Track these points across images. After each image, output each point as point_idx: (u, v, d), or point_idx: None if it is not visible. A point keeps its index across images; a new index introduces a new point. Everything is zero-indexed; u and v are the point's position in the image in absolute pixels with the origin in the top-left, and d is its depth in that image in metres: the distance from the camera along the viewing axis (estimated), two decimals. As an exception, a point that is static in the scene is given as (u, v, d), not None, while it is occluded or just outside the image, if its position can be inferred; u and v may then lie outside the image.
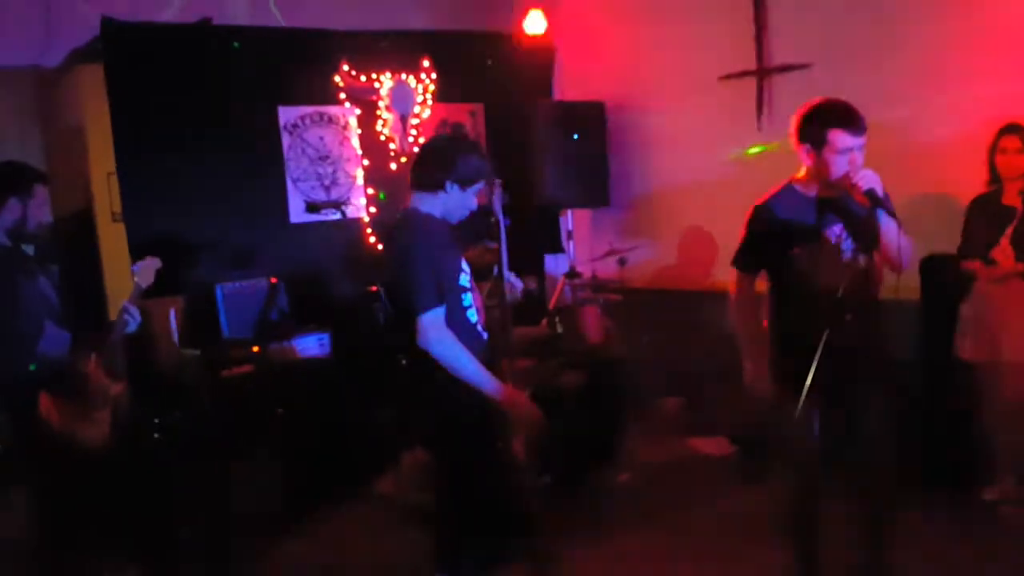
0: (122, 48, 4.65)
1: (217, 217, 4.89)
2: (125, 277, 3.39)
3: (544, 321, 4.87)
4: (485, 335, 2.76)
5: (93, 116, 5.30)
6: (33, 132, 5.68)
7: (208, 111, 4.87)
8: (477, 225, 3.00)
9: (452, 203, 2.72)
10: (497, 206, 2.92)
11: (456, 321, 2.62)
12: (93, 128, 5.42)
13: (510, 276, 3.18)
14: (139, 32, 4.65)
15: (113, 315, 3.41)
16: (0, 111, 5.38)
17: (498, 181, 2.93)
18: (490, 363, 2.66)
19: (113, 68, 4.66)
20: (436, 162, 2.73)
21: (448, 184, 2.68)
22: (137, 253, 4.32)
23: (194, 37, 4.90)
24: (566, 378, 4.41)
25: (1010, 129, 3.59)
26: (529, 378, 2.99)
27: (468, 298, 2.72)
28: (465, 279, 2.72)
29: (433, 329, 2.53)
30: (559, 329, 4.72)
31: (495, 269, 3.27)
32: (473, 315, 2.72)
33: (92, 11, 4.62)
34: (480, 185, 2.75)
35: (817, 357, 2.49)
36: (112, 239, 5.32)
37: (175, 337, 4.71)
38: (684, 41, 5.29)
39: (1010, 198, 3.61)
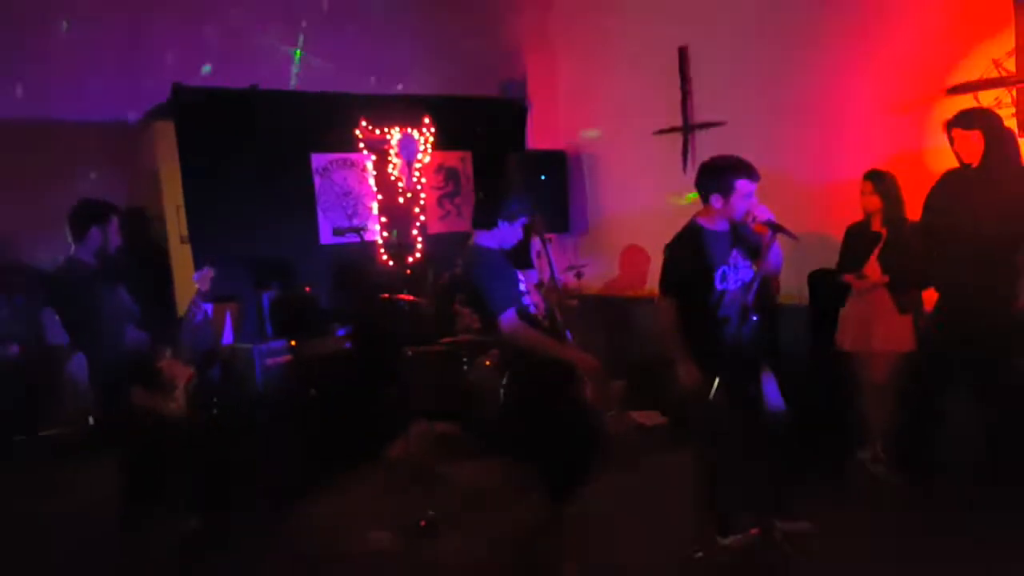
0: (189, 107, 4.60)
1: (264, 238, 4.84)
2: (191, 287, 3.34)
3: None
4: (545, 319, 2.89)
5: (165, 161, 5.24)
6: (119, 173, 5.60)
7: (256, 157, 4.83)
8: (521, 250, 3.13)
9: (504, 235, 2.84)
10: (541, 231, 3.04)
11: (523, 316, 2.76)
12: (165, 170, 5.34)
13: (559, 279, 3.53)
14: (202, 95, 4.61)
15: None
16: (94, 156, 5.30)
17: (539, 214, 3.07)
18: (554, 337, 2.83)
19: (182, 123, 4.61)
20: (489, 207, 2.84)
21: (500, 221, 2.80)
22: (200, 267, 4.26)
23: (246, 99, 4.85)
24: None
25: (866, 176, 3.57)
26: (501, 371, 3.01)
27: (525, 299, 2.84)
28: (522, 286, 2.84)
29: (508, 324, 2.69)
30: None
31: (548, 274, 3.42)
32: (533, 309, 2.84)
33: (166, 78, 4.58)
34: (523, 219, 2.85)
35: (729, 353, 2.50)
36: (181, 257, 5.25)
37: (231, 334, 4.64)
38: (627, 103, 5.29)
39: (877, 226, 3.61)
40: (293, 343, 4.46)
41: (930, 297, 3.43)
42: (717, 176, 2.74)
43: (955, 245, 3.10)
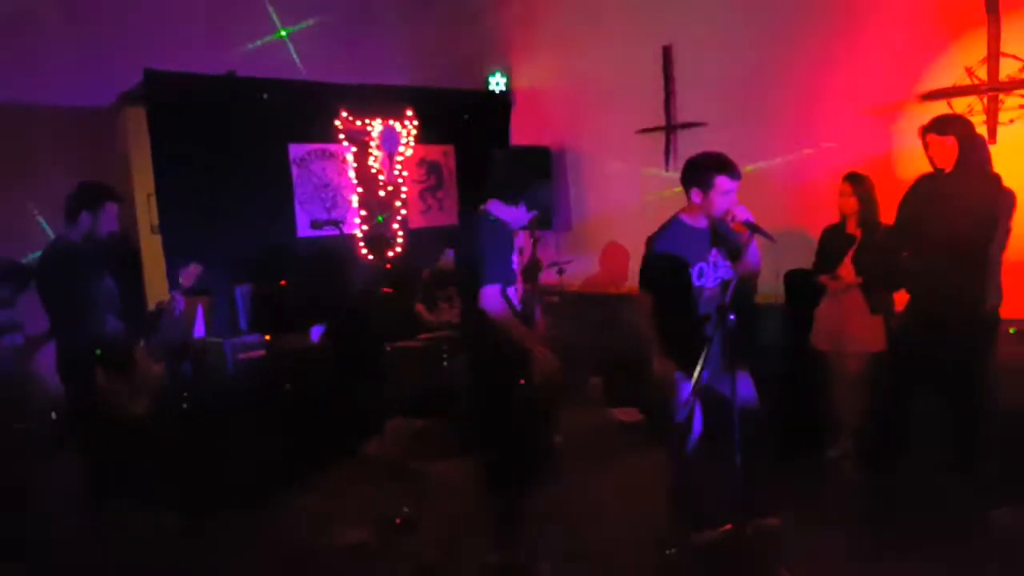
0: (161, 93, 4.55)
1: (238, 230, 4.81)
2: (161, 278, 3.34)
3: None
4: (520, 307, 2.92)
5: (136, 147, 5.18)
6: (87, 159, 5.53)
7: (232, 146, 4.79)
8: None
9: (518, 215, 2.88)
10: (533, 227, 3.04)
11: (503, 296, 2.80)
12: (136, 157, 5.29)
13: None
14: (175, 80, 4.55)
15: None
16: (63, 142, 5.23)
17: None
18: (525, 323, 2.87)
19: (153, 109, 4.56)
20: (520, 185, 2.88)
21: (522, 202, 2.85)
22: (172, 259, 4.24)
23: (221, 86, 4.82)
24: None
25: (846, 177, 3.70)
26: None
27: (512, 281, 2.88)
28: (514, 266, 2.88)
29: (490, 297, 2.74)
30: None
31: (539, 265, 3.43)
32: (513, 293, 2.88)
33: (137, 61, 4.53)
34: (536, 212, 2.90)
35: (707, 350, 2.58)
36: (151, 247, 5.21)
37: (202, 327, 4.63)
38: (611, 102, 5.37)
39: (852, 228, 3.73)
40: (268, 338, 4.46)
41: (901, 298, 3.57)
42: (698, 171, 2.83)
43: (927, 248, 3.22)
